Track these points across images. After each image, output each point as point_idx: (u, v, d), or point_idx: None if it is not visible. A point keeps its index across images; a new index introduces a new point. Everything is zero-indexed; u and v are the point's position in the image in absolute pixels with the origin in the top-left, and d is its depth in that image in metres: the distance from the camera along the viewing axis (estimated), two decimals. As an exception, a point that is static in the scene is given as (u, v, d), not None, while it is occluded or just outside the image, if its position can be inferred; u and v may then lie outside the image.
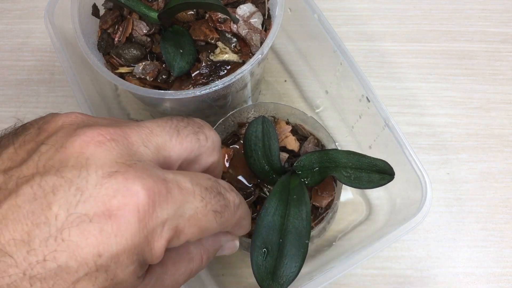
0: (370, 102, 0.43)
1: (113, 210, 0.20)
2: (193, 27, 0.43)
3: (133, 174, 0.21)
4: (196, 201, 0.23)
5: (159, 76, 0.42)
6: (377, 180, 0.35)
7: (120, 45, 0.43)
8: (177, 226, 0.22)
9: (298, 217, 0.34)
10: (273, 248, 0.33)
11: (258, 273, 0.32)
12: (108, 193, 0.20)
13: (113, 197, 0.20)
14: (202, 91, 0.38)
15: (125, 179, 0.21)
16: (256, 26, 0.43)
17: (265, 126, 0.40)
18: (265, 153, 0.39)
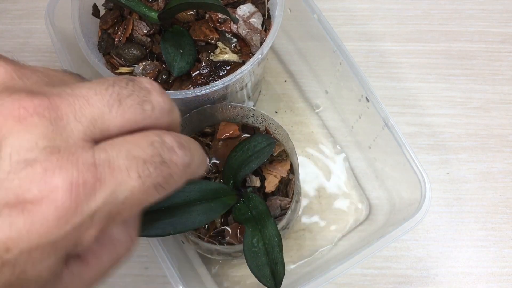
0: (370, 102, 0.43)
1: (27, 204, 0.18)
2: (193, 27, 0.43)
3: (54, 164, 0.18)
4: (131, 181, 0.20)
5: (159, 76, 0.42)
6: (263, 275, 0.34)
7: (120, 45, 0.43)
8: (110, 212, 0.19)
9: (192, 217, 0.33)
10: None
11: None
12: (22, 184, 0.18)
13: (27, 190, 0.18)
14: (202, 91, 0.38)
15: (43, 169, 0.18)
16: (256, 26, 0.43)
17: (266, 149, 0.40)
18: (243, 163, 0.39)
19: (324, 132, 0.53)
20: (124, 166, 0.20)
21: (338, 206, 0.50)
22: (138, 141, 0.21)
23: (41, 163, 0.18)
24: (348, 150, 0.52)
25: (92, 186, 0.19)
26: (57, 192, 0.18)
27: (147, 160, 0.20)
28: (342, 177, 0.51)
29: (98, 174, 0.19)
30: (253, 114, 0.43)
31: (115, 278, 0.48)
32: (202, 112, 0.42)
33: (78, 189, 0.18)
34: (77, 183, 0.18)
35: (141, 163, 0.20)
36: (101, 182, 0.19)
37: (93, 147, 0.20)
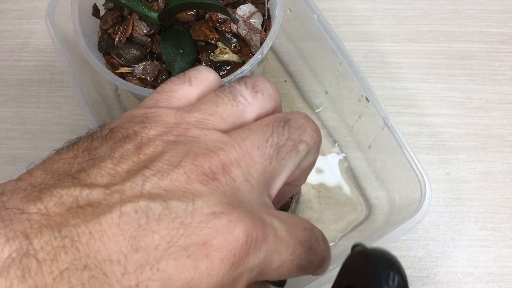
0: (370, 102, 0.43)
1: (211, 250, 0.19)
2: (193, 28, 0.43)
3: (236, 217, 0.20)
4: (286, 254, 0.22)
5: (159, 76, 0.42)
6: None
7: (120, 45, 0.43)
8: (261, 273, 0.21)
9: None
10: None
11: None
12: (210, 232, 0.20)
13: (214, 237, 0.20)
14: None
15: (228, 221, 0.20)
16: (256, 26, 0.43)
17: None
18: None
19: (324, 132, 0.53)
20: (285, 238, 0.22)
21: (338, 206, 0.50)
22: (294, 221, 0.23)
23: (226, 215, 0.20)
24: (348, 150, 0.52)
25: (260, 243, 0.21)
26: (237, 241, 0.20)
27: (301, 241, 0.23)
28: (342, 177, 0.51)
29: (266, 235, 0.21)
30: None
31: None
32: None
33: (251, 242, 0.20)
34: (252, 236, 0.20)
35: (298, 242, 0.22)
36: (266, 243, 0.21)
37: (260, 209, 0.22)
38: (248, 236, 0.20)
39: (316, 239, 0.24)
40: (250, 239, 0.20)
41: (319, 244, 0.24)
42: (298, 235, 0.23)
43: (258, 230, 0.20)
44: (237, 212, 0.20)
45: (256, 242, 0.20)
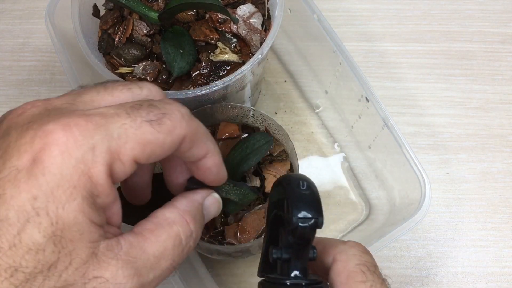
0: (370, 102, 0.43)
1: (35, 153, 0.21)
2: (193, 28, 0.43)
3: (47, 119, 0.22)
4: (121, 119, 0.23)
5: (159, 76, 0.42)
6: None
7: (120, 45, 0.43)
8: (110, 148, 0.22)
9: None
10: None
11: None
12: (27, 141, 0.21)
13: (31, 143, 0.21)
14: (202, 91, 0.38)
15: (39, 124, 0.22)
16: (256, 26, 0.43)
17: (264, 147, 0.40)
18: (241, 160, 0.39)
19: (324, 132, 0.53)
20: (113, 111, 0.23)
21: (338, 206, 0.50)
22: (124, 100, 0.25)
23: (37, 122, 0.22)
24: (348, 150, 0.52)
25: (84, 125, 0.22)
26: (54, 133, 0.21)
27: (134, 105, 0.24)
28: (342, 177, 0.51)
29: (88, 118, 0.22)
30: (253, 114, 0.43)
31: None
32: (202, 112, 0.42)
33: (71, 128, 0.22)
34: (69, 124, 0.22)
35: (129, 107, 0.24)
36: (92, 123, 0.22)
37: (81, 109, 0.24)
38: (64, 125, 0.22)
39: (159, 101, 0.25)
40: (68, 126, 0.22)
41: (166, 103, 0.25)
42: (128, 104, 0.24)
43: (76, 118, 0.22)
44: (48, 116, 0.23)
45: (78, 126, 0.22)
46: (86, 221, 0.22)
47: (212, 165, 0.28)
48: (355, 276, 0.25)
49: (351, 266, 0.26)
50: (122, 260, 0.23)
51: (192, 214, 0.27)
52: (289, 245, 0.25)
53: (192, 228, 0.26)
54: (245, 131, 0.44)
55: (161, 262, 0.24)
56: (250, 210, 0.40)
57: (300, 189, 0.25)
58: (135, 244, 0.23)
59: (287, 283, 0.25)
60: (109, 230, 0.24)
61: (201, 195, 0.29)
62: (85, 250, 0.21)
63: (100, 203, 0.23)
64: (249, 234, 0.39)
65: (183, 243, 0.25)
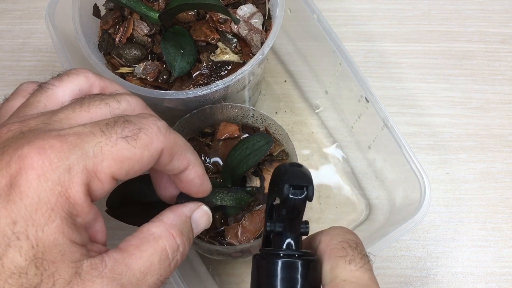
0: (369, 103, 0.43)
1: (12, 178, 0.21)
2: (194, 28, 0.43)
3: (21, 142, 0.22)
4: (96, 137, 0.23)
5: (159, 76, 0.42)
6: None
7: (121, 45, 0.43)
8: (86, 167, 0.22)
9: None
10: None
11: (116, 193, 0.33)
12: (2, 166, 0.22)
13: (8, 168, 0.21)
14: (203, 91, 0.38)
15: (14, 149, 0.22)
16: (256, 26, 0.43)
17: (264, 147, 0.40)
18: (241, 161, 0.39)
19: (324, 132, 0.53)
20: (88, 130, 0.23)
21: (338, 206, 0.50)
22: (100, 114, 0.26)
23: (11, 146, 0.22)
24: (347, 150, 0.52)
25: (59, 147, 0.22)
26: (29, 156, 0.22)
27: (109, 122, 0.24)
28: (342, 177, 0.51)
29: (63, 139, 0.22)
30: (253, 114, 0.43)
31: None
32: (202, 112, 0.42)
33: (46, 150, 0.22)
34: (43, 147, 0.22)
35: (104, 125, 0.24)
36: (67, 143, 0.22)
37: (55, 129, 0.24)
38: (39, 148, 0.22)
39: (136, 116, 0.25)
40: (43, 149, 0.22)
41: (143, 117, 0.25)
42: (104, 121, 0.24)
43: (50, 140, 0.22)
44: (23, 139, 0.23)
45: (53, 149, 0.22)
46: (67, 241, 0.22)
47: (194, 177, 0.28)
48: (336, 252, 0.26)
49: (334, 243, 0.27)
50: (107, 277, 0.23)
51: (179, 228, 0.27)
52: (282, 218, 0.26)
53: (178, 242, 0.26)
54: (245, 131, 0.44)
55: (147, 278, 0.24)
56: (250, 210, 0.40)
57: (291, 167, 0.27)
58: (120, 261, 0.23)
59: (280, 254, 0.26)
60: (93, 248, 0.24)
61: (189, 208, 0.29)
62: (68, 270, 0.22)
63: (80, 222, 0.23)
64: (249, 234, 0.39)
65: (170, 257, 0.25)
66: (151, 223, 0.26)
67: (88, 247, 0.23)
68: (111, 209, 0.33)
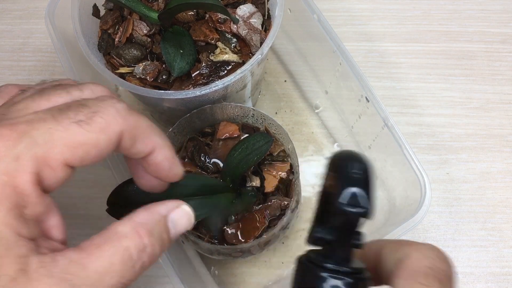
0: (369, 102, 0.43)
1: None
2: (193, 28, 0.43)
3: None
4: (47, 123, 0.22)
5: (159, 76, 0.42)
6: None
7: (120, 45, 0.43)
8: (36, 155, 0.21)
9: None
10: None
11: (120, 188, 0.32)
12: None
13: None
14: (202, 91, 0.38)
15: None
16: (256, 26, 0.43)
17: (263, 147, 0.40)
18: (241, 161, 0.39)
19: (324, 132, 0.53)
20: (38, 116, 0.23)
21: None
22: (52, 95, 0.25)
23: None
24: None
25: (7, 135, 0.21)
26: None
27: (62, 107, 0.23)
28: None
29: (11, 128, 0.22)
30: (253, 114, 0.43)
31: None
32: (202, 112, 0.42)
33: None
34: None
35: (56, 110, 0.23)
36: (15, 131, 0.22)
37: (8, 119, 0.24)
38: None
39: (92, 99, 0.25)
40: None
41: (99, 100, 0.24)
42: (58, 106, 0.24)
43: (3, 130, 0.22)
44: None
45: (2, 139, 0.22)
46: (12, 234, 0.21)
47: (162, 159, 0.26)
48: (417, 276, 0.23)
49: (420, 265, 0.23)
50: (57, 277, 0.21)
51: (148, 227, 0.24)
52: (334, 226, 0.24)
53: (146, 242, 0.24)
54: (245, 131, 0.44)
55: (106, 279, 0.22)
56: (250, 210, 0.40)
57: (353, 171, 0.23)
58: (75, 260, 0.22)
59: (326, 266, 0.23)
60: (45, 244, 0.22)
61: (166, 207, 0.26)
62: (13, 266, 0.20)
63: (29, 214, 0.22)
64: (249, 234, 0.39)
65: (134, 257, 0.23)
66: (119, 222, 0.24)
67: (38, 242, 0.22)
68: (112, 208, 0.32)
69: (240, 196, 0.39)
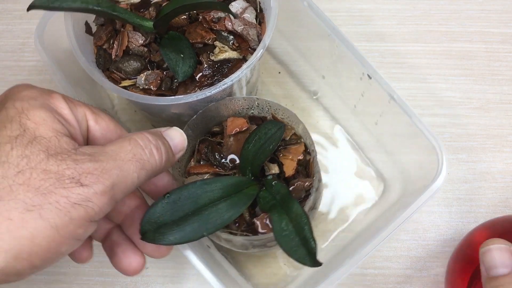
0: (372, 79, 0.43)
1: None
2: (188, 31, 0.43)
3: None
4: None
5: (162, 84, 0.41)
6: (300, 255, 0.33)
7: (118, 59, 0.42)
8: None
9: (220, 214, 0.35)
10: (178, 211, 0.34)
11: (149, 215, 0.33)
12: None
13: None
14: (212, 90, 0.38)
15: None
16: (250, 21, 0.43)
17: (277, 134, 0.40)
18: (257, 152, 0.39)
19: (327, 116, 0.53)
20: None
21: (352, 187, 0.50)
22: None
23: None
24: (353, 130, 0.52)
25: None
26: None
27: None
28: (351, 157, 0.51)
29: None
30: (258, 104, 0.43)
31: (114, 277, 0.48)
32: (208, 111, 0.42)
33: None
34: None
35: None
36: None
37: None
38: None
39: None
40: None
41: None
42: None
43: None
44: None
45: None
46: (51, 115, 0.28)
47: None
48: None
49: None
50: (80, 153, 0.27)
51: (150, 132, 0.31)
52: None
53: (149, 137, 0.30)
54: (253, 123, 0.44)
55: (121, 154, 0.28)
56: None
57: None
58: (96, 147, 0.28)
59: None
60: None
61: (160, 129, 0.33)
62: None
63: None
64: None
65: (141, 144, 0.29)
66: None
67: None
68: (145, 235, 0.32)
69: (265, 186, 0.39)
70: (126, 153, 0.28)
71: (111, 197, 0.27)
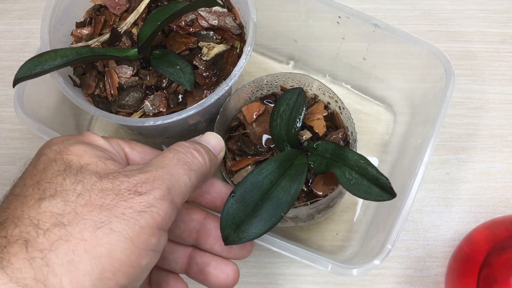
0: (350, 18, 0.43)
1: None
2: (169, 44, 0.43)
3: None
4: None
5: (169, 103, 0.41)
6: (375, 194, 0.35)
7: (116, 98, 0.42)
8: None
9: (286, 190, 0.35)
10: (249, 204, 0.34)
11: (225, 219, 0.33)
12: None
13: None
14: (229, 82, 0.39)
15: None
16: (221, 11, 0.43)
17: (299, 99, 0.41)
18: (288, 123, 0.40)
19: (313, 75, 0.52)
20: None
21: (362, 125, 0.51)
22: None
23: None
24: (342, 75, 0.52)
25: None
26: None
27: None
28: (350, 100, 0.52)
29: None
30: (267, 82, 0.44)
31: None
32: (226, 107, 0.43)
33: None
34: None
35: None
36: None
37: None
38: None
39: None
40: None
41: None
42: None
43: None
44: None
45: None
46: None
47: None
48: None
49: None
50: (128, 169, 0.28)
51: (186, 141, 0.32)
52: None
53: (186, 144, 0.32)
54: (266, 103, 0.45)
55: (165, 161, 0.29)
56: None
57: None
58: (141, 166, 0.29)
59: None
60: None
61: (194, 137, 0.35)
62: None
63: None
64: (333, 180, 0.40)
65: (181, 150, 0.31)
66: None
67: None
68: (228, 239, 0.33)
69: (309, 152, 0.40)
70: (170, 160, 0.29)
71: (171, 202, 0.27)
